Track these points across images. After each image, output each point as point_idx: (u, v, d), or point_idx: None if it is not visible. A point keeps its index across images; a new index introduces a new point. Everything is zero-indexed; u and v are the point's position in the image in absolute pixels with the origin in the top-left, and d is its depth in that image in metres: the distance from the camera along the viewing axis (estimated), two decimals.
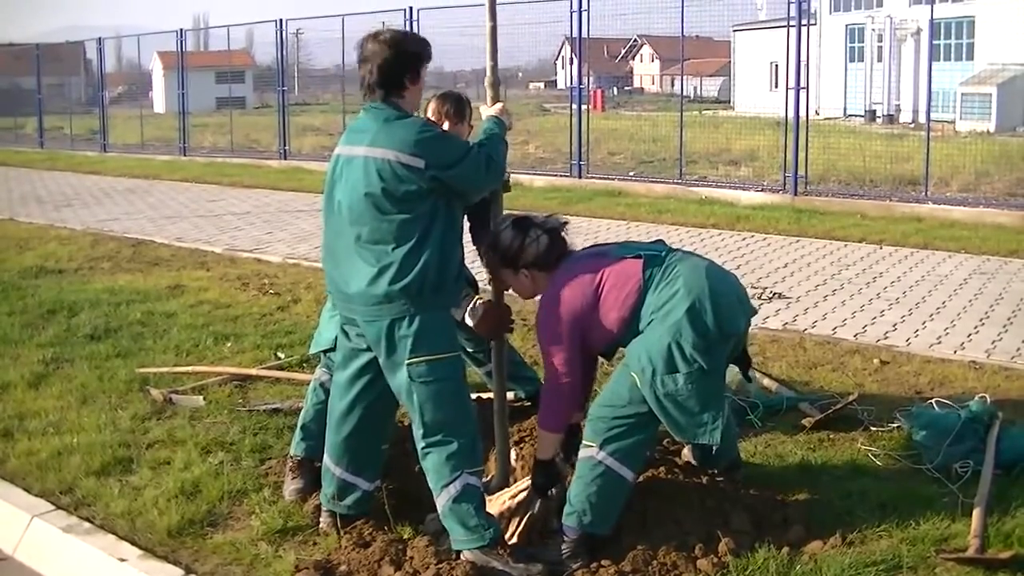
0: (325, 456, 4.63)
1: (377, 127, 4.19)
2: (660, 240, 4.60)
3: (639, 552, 4.13)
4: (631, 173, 19.05)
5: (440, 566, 4.03)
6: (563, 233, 4.58)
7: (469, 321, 4.59)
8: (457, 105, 5.31)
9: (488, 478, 4.66)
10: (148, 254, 11.94)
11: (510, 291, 4.69)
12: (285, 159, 23.73)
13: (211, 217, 15.47)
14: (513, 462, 4.85)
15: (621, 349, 4.41)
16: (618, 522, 4.30)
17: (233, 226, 14.47)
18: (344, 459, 4.55)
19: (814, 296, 9.09)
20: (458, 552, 4.16)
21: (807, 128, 15.12)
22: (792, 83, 15.09)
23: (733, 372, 4.72)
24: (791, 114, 15.19)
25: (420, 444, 4.23)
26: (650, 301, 4.20)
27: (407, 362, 4.13)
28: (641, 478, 4.64)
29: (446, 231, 4.19)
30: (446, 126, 5.15)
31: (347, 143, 4.30)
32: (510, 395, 5.83)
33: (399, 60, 4.26)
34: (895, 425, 5.55)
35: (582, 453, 4.27)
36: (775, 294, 9.11)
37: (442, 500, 4.18)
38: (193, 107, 27.98)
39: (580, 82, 18.79)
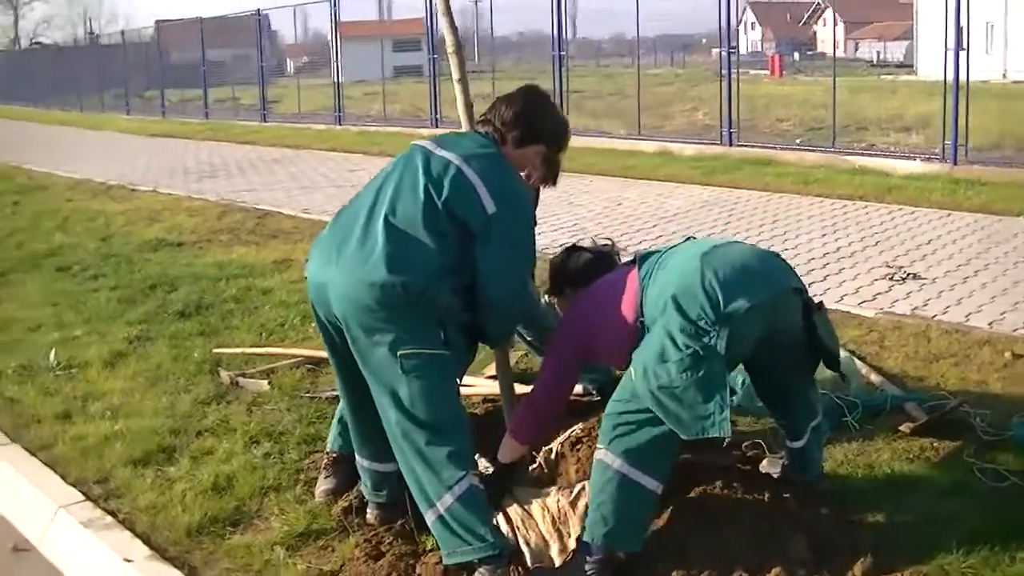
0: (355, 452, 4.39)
1: (475, 150, 4.02)
2: (691, 238, 4.24)
3: None
4: (797, 140, 18.21)
5: None
6: (613, 255, 4.42)
7: None
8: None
9: None
10: (271, 226, 11.84)
11: None
12: (436, 127, 23.55)
13: (347, 187, 15.30)
14: (541, 459, 4.41)
15: None
16: (653, 543, 3.80)
17: None
18: (364, 450, 4.29)
19: (953, 277, 8.26)
20: (469, 572, 3.73)
21: (967, 92, 14.01)
22: (951, 44, 13.99)
23: (827, 372, 4.22)
24: (950, 77, 14.09)
25: (414, 444, 3.80)
26: (649, 296, 3.80)
27: (400, 353, 3.74)
28: (693, 493, 4.12)
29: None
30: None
31: (438, 144, 4.06)
32: (578, 388, 5.40)
33: (539, 124, 4.17)
34: (1011, 434, 4.85)
35: (594, 455, 3.84)
36: (909, 274, 8.33)
37: (444, 503, 3.75)
38: (369, 76, 28.07)
39: (730, 45, 17.90)
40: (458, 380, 4.08)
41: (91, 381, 6.31)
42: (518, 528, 3.97)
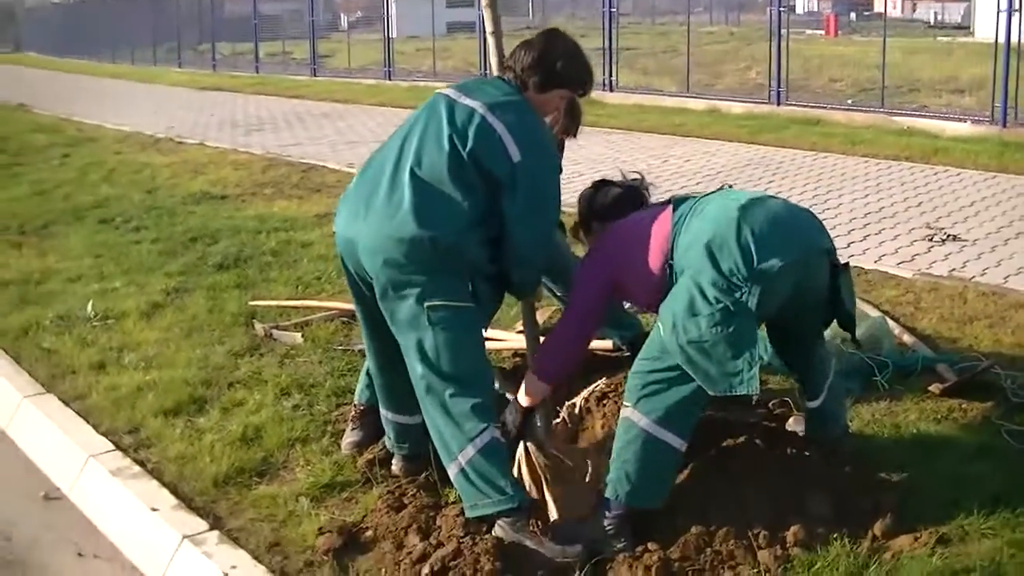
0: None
1: (498, 97, 3.96)
2: (728, 185, 4.16)
3: (691, 537, 3.63)
4: (848, 101, 17.93)
5: (463, 540, 3.64)
6: (642, 189, 4.31)
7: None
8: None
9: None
10: (314, 180, 11.86)
11: None
12: None
13: None
14: (564, 413, 4.41)
15: None
16: (673, 500, 3.80)
17: None
18: (388, 403, 4.32)
19: (993, 239, 8.14)
20: (490, 525, 3.75)
21: (1019, 53, 13.71)
22: (1004, 5, 13.68)
23: (844, 335, 4.25)
24: (1001, 39, 13.79)
25: (438, 397, 3.82)
26: (681, 243, 3.75)
27: (427, 304, 3.76)
28: (716, 450, 4.12)
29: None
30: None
31: (461, 92, 4.00)
32: (607, 343, 5.40)
33: (558, 68, 4.07)
34: None
35: (621, 413, 3.82)
36: (949, 236, 8.22)
37: (466, 455, 3.76)
38: (423, 32, 27.88)
39: (782, 3, 17.64)
40: (483, 330, 4.09)
41: (127, 332, 6.38)
42: (546, 481, 3.99)
